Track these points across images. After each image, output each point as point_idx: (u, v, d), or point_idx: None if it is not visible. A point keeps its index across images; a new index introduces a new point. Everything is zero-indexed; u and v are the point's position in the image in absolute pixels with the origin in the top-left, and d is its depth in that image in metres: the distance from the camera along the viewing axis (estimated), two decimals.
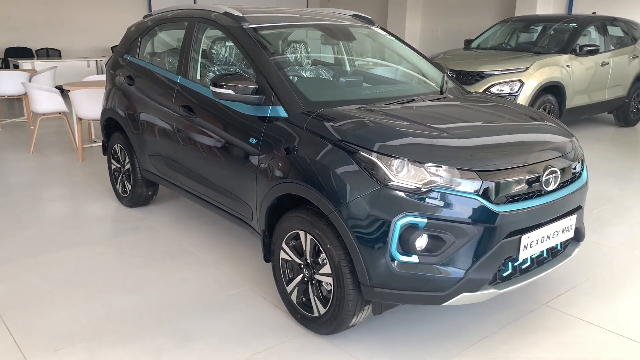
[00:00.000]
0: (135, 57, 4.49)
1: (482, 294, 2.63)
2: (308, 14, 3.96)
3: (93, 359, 2.67)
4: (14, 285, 3.39)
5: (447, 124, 2.92)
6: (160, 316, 3.06)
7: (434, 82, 3.76)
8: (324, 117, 2.87)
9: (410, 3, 13.65)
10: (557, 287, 3.48)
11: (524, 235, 2.64)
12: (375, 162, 2.55)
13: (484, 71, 7.14)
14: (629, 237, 4.33)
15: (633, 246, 4.13)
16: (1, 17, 11.55)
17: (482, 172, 2.56)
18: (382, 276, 2.54)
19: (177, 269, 3.65)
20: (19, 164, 6.27)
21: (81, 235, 4.22)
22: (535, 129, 3.12)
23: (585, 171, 3.12)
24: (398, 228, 2.48)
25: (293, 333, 2.93)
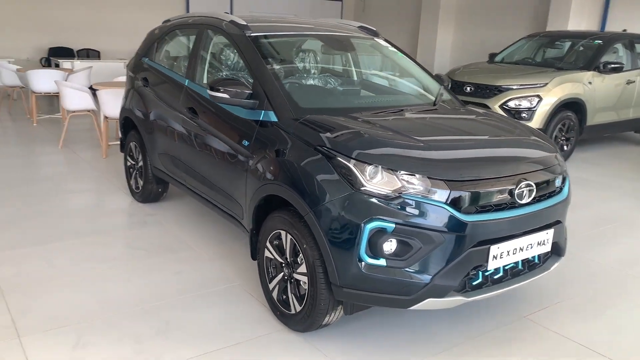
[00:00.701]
0: (151, 60, 4.73)
1: (448, 301, 2.70)
2: (313, 25, 4.11)
3: (79, 340, 2.85)
4: (20, 269, 3.63)
5: (427, 134, 3.01)
6: (149, 305, 3.23)
7: (429, 94, 3.85)
8: (308, 123, 3.00)
9: (442, 16, 13.66)
10: (541, 301, 3.50)
11: (493, 245, 2.70)
12: (350, 167, 2.67)
13: (502, 85, 7.14)
14: (627, 256, 4.29)
15: (629, 266, 4.10)
16: (46, 19, 12.12)
17: (452, 181, 2.64)
18: (350, 277, 2.65)
19: (175, 262, 3.83)
20: (47, 158, 6.61)
21: (91, 226, 4.45)
22: (516, 143, 3.17)
23: (567, 187, 3.15)
24: (367, 231, 2.58)
25: (271, 328, 3.05)
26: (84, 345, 2.81)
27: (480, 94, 7.30)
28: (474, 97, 7.37)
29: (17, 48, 11.92)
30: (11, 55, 11.32)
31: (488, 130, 3.32)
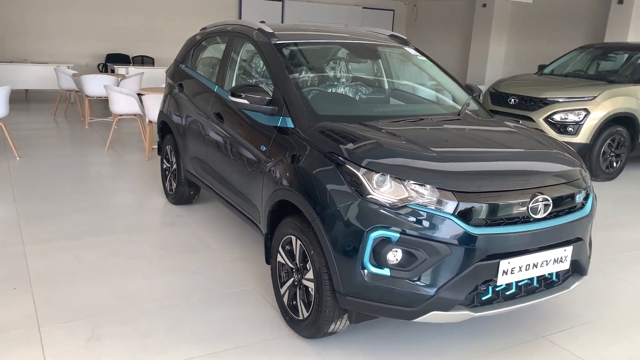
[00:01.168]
0: (187, 66, 4.87)
1: (454, 315, 2.63)
2: (341, 33, 4.12)
3: (93, 332, 2.95)
4: (51, 261, 3.80)
5: (442, 145, 2.95)
6: (163, 303, 3.31)
7: (455, 104, 3.78)
8: (321, 130, 3.01)
9: (495, 27, 13.40)
10: (562, 322, 3.36)
11: (503, 260, 2.62)
12: (358, 175, 2.66)
13: (547, 97, 6.93)
14: None
15: None
16: (106, 27, 12.68)
17: (461, 193, 2.58)
18: (354, 285, 2.63)
19: (195, 263, 3.91)
20: (93, 159, 6.89)
21: (123, 224, 4.61)
22: (535, 156, 3.06)
23: (590, 203, 3.01)
24: (371, 240, 2.56)
25: (280, 333, 3.07)
26: (97, 338, 2.91)
27: (525, 106, 7.11)
28: (518, 109, 7.19)
29: (78, 54, 12.53)
30: (71, 61, 11.89)
31: (508, 142, 3.23)
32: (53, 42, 12.28)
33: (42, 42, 12.15)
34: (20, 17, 11.86)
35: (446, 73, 4.07)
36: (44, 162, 6.46)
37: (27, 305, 3.21)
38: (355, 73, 4.09)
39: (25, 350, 2.77)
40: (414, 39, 16.52)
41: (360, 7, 15.73)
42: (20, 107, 10.53)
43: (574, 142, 6.74)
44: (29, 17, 11.96)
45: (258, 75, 3.99)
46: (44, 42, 12.16)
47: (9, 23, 11.78)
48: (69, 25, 12.35)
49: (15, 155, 6.56)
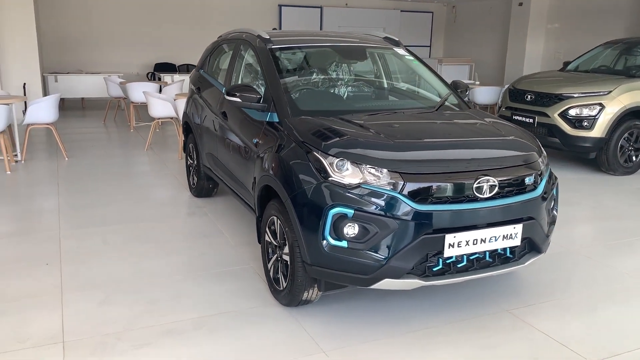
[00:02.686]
0: (205, 71, 5.39)
1: (405, 282, 2.97)
2: (336, 37, 4.51)
3: (105, 298, 3.47)
4: (81, 243, 4.38)
5: (402, 134, 3.29)
6: (170, 277, 3.80)
7: (435, 98, 4.10)
8: (298, 123, 3.42)
9: (532, 25, 13.36)
10: (530, 298, 3.61)
11: (448, 234, 2.93)
12: (322, 160, 3.05)
13: (562, 93, 7.04)
14: None
15: None
16: (155, 37, 13.56)
17: (408, 174, 2.92)
18: (317, 256, 3.01)
19: (204, 246, 4.39)
20: (132, 158, 7.57)
21: (148, 214, 5.16)
22: (486, 144, 3.35)
23: (542, 185, 3.26)
24: (330, 216, 2.94)
25: (264, 302, 3.48)
26: (108, 302, 3.43)
27: (541, 102, 7.24)
28: (534, 105, 7.33)
29: (129, 64, 13.45)
30: (122, 71, 12.81)
31: (466, 132, 3.53)
32: (106, 53, 13.24)
33: (96, 53, 13.12)
34: (76, 31, 12.88)
35: (432, 71, 4.38)
36: (89, 162, 7.17)
37: (55, 277, 3.77)
38: (344, 73, 4.47)
39: (49, 310, 3.32)
40: (453, 40, 16.64)
41: (398, 10, 16.00)
42: (76, 114, 11.49)
43: (589, 137, 6.84)
44: (84, 31, 12.96)
45: (258, 77, 4.44)
46: (97, 54, 13.14)
47: (67, 37, 12.81)
48: (120, 37, 13.28)
49: (65, 156, 7.30)
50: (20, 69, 9.73)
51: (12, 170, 6.58)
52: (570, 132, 6.92)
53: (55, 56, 12.70)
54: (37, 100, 7.02)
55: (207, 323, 3.22)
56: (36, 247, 4.31)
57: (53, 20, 12.56)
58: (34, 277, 3.77)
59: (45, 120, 7.06)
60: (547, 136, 7.15)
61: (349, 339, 3.09)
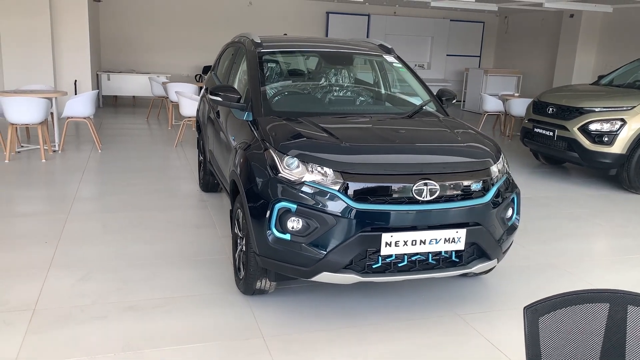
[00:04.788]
0: (215, 73, 5.70)
1: (343, 277, 3.11)
2: (326, 43, 4.69)
3: (85, 275, 3.80)
4: (82, 227, 4.76)
5: (356, 138, 3.43)
6: (149, 261, 4.10)
7: (411, 106, 4.20)
8: (265, 122, 3.63)
9: (582, 37, 12.98)
10: (484, 305, 3.64)
11: (385, 233, 3.05)
12: (274, 157, 3.24)
13: (583, 107, 6.88)
14: (633, 284, 4.11)
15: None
16: (204, 41, 14.14)
17: (348, 174, 3.07)
18: (264, 247, 3.20)
19: (193, 235, 4.67)
20: (160, 153, 8.00)
21: (154, 204, 5.51)
22: (436, 150, 3.45)
23: (491, 192, 3.30)
24: (276, 210, 3.13)
25: (228, 289, 3.70)
26: (86, 279, 3.75)
27: (561, 115, 7.10)
28: (554, 118, 7.20)
29: (180, 65, 14.07)
30: (172, 71, 13.46)
31: (421, 138, 3.65)
32: (159, 55, 13.94)
33: (149, 55, 13.84)
34: (133, 33, 13.65)
35: (419, 80, 4.47)
36: (119, 155, 7.66)
37: (48, 254, 4.15)
38: (326, 77, 4.63)
39: (32, 282, 3.68)
40: (504, 51, 16.35)
41: (447, 19, 15.91)
42: (125, 111, 12.19)
43: (609, 152, 6.65)
44: (140, 34, 13.72)
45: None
46: (151, 55, 13.85)
47: (124, 39, 13.61)
48: (172, 41, 13.95)
49: (98, 148, 7.84)
50: (73, 66, 10.46)
51: (48, 159, 7.15)
52: (590, 147, 6.76)
53: (113, 56, 13.52)
54: (75, 96, 7.58)
55: (168, 304, 3.48)
56: (42, 226, 4.73)
57: (112, 23, 13.38)
58: (29, 252, 4.16)
59: (81, 114, 7.62)
60: (566, 150, 7.01)
61: (291, 328, 3.25)
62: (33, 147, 7.65)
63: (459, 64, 16.28)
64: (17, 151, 7.43)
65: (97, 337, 3.05)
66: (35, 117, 6.88)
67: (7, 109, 6.78)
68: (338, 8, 15.00)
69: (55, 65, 10.27)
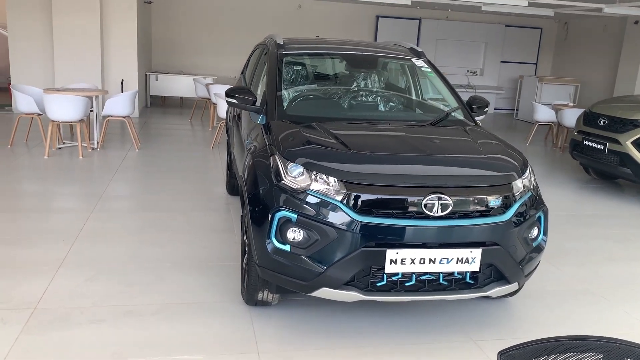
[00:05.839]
0: (244, 75, 5.61)
1: (344, 294, 2.91)
2: (352, 45, 4.50)
3: (92, 276, 3.76)
4: (102, 226, 4.75)
5: (369, 146, 3.21)
6: (158, 264, 4.02)
7: (436, 113, 3.94)
8: (275, 126, 3.48)
9: None
10: (507, 332, 3.35)
11: (390, 249, 2.83)
12: (279, 163, 3.08)
13: (639, 119, 6.38)
14: None
15: None
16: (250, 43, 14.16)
17: (351, 184, 2.86)
18: (264, 258, 3.04)
19: (210, 240, 4.57)
20: (197, 154, 8.00)
21: (178, 205, 5.46)
22: (455, 162, 3.19)
23: (513, 210, 3.02)
24: (277, 219, 2.96)
25: (232, 298, 3.56)
26: (92, 280, 3.71)
27: (614, 127, 6.62)
28: (606, 130, 6.72)
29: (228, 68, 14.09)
30: (220, 74, 13.57)
31: (439, 148, 3.38)
32: (208, 57, 14.06)
33: (198, 57, 13.99)
34: (184, 35, 13.86)
35: (448, 85, 4.21)
36: (156, 154, 7.72)
37: (62, 252, 4.14)
38: (348, 81, 4.42)
39: (40, 279, 3.66)
40: (563, 59, 15.61)
41: (502, 25, 15.34)
42: (171, 111, 12.37)
43: None
44: (190, 36, 13.90)
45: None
46: (200, 57, 14.00)
47: (175, 41, 13.83)
48: (221, 43, 14.06)
49: (136, 147, 7.93)
50: (121, 66, 10.69)
51: (85, 156, 7.28)
52: None
53: (164, 58, 13.76)
54: (115, 95, 7.69)
55: (168, 310, 3.38)
56: (63, 224, 4.75)
57: (164, 25, 13.63)
58: (44, 249, 4.17)
59: (120, 113, 7.72)
60: (618, 165, 6.53)
61: (290, 345, 3.08)
62: (74, 144, 7.81)
63: (513, 71, 15.67)
64: (58, 147, 7.61)
65: (89, 343, 2.98)
66: (74, 115, 7.01)
67: (47, 106, 6.95)
68: (388, 12, 14.73)
69: (104, 64, 10.53)
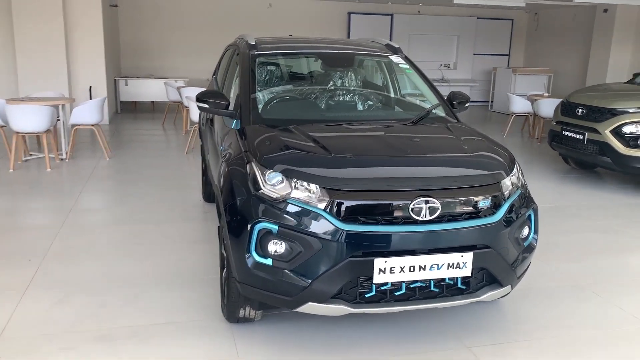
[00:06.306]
0: (215, 77, 5.40)
1: (331, 308, 2.74)
2: (327, 43, 4.33)
3: (62, 299, 3.52)
4: (73, 242, 4.51)
5: (349, 149, 3.05)
6: (136, 282, 3.80)
7: (416, 111, 3.80)
8: (251, 131, 3.29)
9: (617, 33, 12.30)
10: (500, 336, 3.22)
11: (378, 258, 2.67)
12: (256, 171, 2.90)
13: (616, 108, 6.35)
14: None
15: None
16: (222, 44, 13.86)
17: (334, 191, 2.70)
18: (244, 273, 2.86)
19: (188, 252, 4.36)
20: (171, 161, 7.76)
21: (153, 216, 5.23)
22: (440, 162, 3.05)
23: (503, 210, 2.89)
24: (256, 231, 2.78)
25: (213, 315, 3.36)
26: (62, 303, 3.48)
27: (592, 117, 6.58)
28: (585, 120, 6.68)
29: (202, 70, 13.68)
30: (192, 76, 13.26)
31: (423, 148, 3.24)
32: (179, 60, 13.74)
33: (170, 60, 13.65)
34: (153, 38, 13.51)
35: (427, 81, 4.07)
36: (127, 163, 7.45)
37: (29, 274, 3.89)
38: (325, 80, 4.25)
39: (5, 304, 3.42)
40: (534, 49, 15.68)
41: (474, 17, 15.33)
42: (143, 117, 12.06)
43: None
44: (160, 39, 13.55)
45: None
46: (171, 60, 13.66)
47: (144, 44, 13.48)
48: (192, 45, 13.74)
49: (106, 156, 7.64)
50: (88, 72, 10.34)
51: (53, 168, 6.97)
52: (624, 152, 6.22)
53: (134, 62, 13.40)
54: (82, 103, 7.40)
55: (144, 332, 3.17)
56: (29, 242, 4.49)
57: (132, 28, 13.26)
58: (9, 272, 3.92)
59: (89, 122, 7.43)
60: (597, 155, 6.49)
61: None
62: (41, 155, 7.49)
63: (487, 64, 15.67)
64: (24, 160, 7.29)
65: None
66: (39, 125, 6.71)
67: (10, 117, 6.63)
68: (360, 8, 14.60)
69: (70, 71, 10.17)
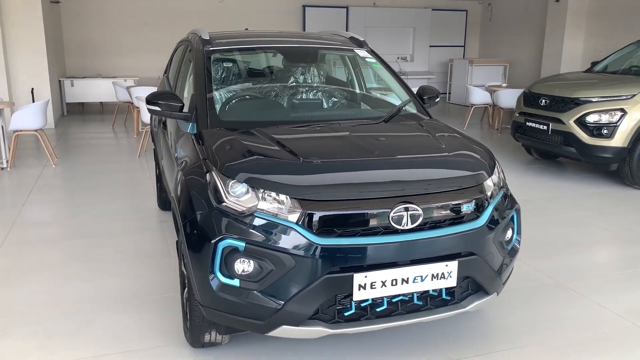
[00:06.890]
0: (167, 76, 5.03)
1: (307, 330, 2.48)
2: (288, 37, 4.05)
3: (3, 330, 3.13)
4: (17, 262, 4.09)
5: (318, 153, 2.79)
6: (87, 305, 3.44)
7: (386, 108, 3.56)
8: (210, 135, 2.98)
9: (570, 22, 12.42)
10: (486, 344, 3.04)
11: (357, 273, 2.42)
12: (217, 181, 2.60)
13: (579, 97, 6.30)
14: None
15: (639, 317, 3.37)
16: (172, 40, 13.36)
17: (307, 201, 2.43)
18: (209, 296, 2.56)
19: (145, 268, 4.01)
20: (121, 166, 7.28)
21: (105, 228, 4.83)
22: (420, 164, 2.82)
23: (487, 214, 2.69)
24: (220, 249, 2.48)
25: (176, 340, 3.05)
26: (3, 336, 3.09)
27: (555, 107, 6.52)
28: (548, 110, 6.61)
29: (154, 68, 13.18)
30: (144, 75, 12.71)
31: (399, 149, 2.99)
32: (128, 58, 13.15)
33: (118, 58, 13.05)
34: (99, 36, 12.87)
35: (395, 76, 3.84)
36: (75, 170, 6.97)
37: None
38: (288, 77, 3.98)
39: None
40: (489, 40, 15.77)
41: (429, 9, 15.29)
42: (91, 119, 11.47)
43: (609, 146, 6.09)
44: (107, 37, 12.93)
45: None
46: (120, 59, 13.07)
47: (90, 42, 12.83)
48: (142, 43, 13.18)
49: (52, 163, 7.13)
50: (30, 73, 9.70)
51: None
52: (588, 141, 6.18)
53: (79, 61, 12.75)
54: (22, 107, 6.87)
55: None
56: None
57: (76, 25, 12.60)
58: None
59: (31, 127, 6.91)
60: (562, 145, 6.44)
61: None
62: None
63: (443, 55, 15.66)
64: None
65: None
66: None
67: None
68: (315, 1, 14.32)
69: (9, 73, 9.51)
